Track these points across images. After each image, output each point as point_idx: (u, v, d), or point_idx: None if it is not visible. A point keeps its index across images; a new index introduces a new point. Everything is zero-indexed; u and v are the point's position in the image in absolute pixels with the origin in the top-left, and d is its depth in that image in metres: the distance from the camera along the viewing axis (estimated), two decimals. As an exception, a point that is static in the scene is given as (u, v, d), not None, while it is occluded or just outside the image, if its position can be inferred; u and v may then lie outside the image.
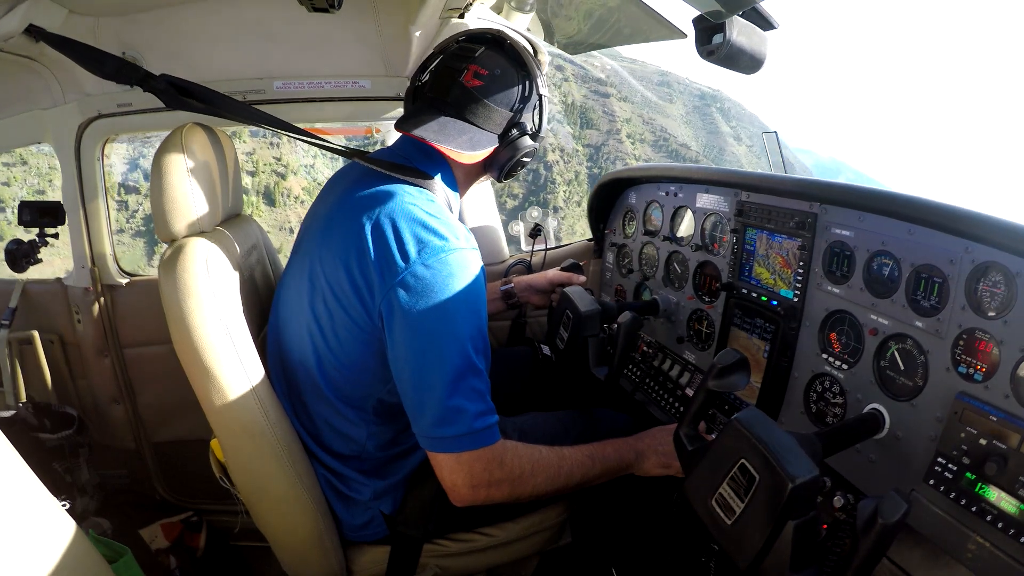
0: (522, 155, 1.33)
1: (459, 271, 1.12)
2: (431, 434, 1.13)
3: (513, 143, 1.31)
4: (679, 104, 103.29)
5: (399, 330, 1.12)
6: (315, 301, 1.22)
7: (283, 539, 1.33)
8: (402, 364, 1.14)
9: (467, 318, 1.13)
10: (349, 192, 1.26)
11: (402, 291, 1.10)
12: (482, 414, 1.13)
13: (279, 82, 1.90)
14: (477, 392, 1.13)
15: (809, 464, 0.84)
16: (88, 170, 1.95)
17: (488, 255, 2.18)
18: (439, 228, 1.15)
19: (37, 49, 1.45)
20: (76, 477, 1.96)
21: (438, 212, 1.20)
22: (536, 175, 64.63)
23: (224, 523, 2.07)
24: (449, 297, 1.10)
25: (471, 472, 1.15)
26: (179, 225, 1.25)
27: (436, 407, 1.11)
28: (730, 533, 0.88)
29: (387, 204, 1.17)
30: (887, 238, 1.12)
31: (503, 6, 1.84)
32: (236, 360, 1.19)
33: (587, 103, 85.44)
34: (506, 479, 1.17)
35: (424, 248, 1.12)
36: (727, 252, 1.55)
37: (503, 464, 1.17)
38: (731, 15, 1.08)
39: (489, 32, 1.34)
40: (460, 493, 1.17)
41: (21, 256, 2.00)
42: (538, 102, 1.35)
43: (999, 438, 0.89)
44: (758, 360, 1.41)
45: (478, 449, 1.13)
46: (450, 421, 1.11)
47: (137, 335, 2.08)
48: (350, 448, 1.30)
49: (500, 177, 1.37)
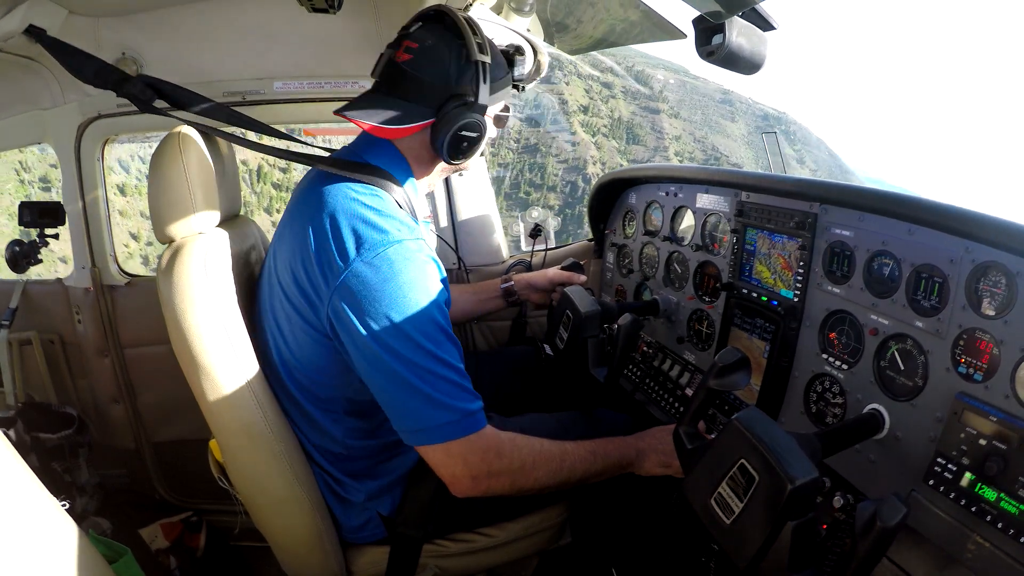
0: (459, 128, 1.22)
1: (402, 265, 1.09)
2: (411, 428, 1.12)
3: (448, 116, 1.21)
4: (740, 124, 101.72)
5: (352, 334, 1.10)
6: (275, 304, 1.23)
7: (282, 539, 1.33)
8: (364, 368, 1.12)
9: (419, 312, 1.09)
10: (302, 195, 1.25)
11: (346, 294, 1.09)
12: (461, 401, 1.12)
13: (279, 82, 1.90)
14: (448, 381, 1.11)
15: (809, 466, 0.84)
16: (88, 170, 1.95)
17: (488, 255, 2.18)
18: (379, 222, 1.12)
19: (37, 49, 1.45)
20: (76, 477, 1.96)
21: (379, 205, 1.16)
22: (574, 187, 64.57)
23: (224, 523, 2.07)
24: (395, 294, 1.08)
25: (467, 463, 1.13)
26: (177, 226, 1.25)
27: (409, 404, 1.10)
28: (728, 532, 0.88)
29: (328, 204, 1.15)
30: (887, 238, 1.12)
31: (503, 7, 1.84)
32: (234, 361, 1.19)
33: (635, 119, 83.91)
34: (506, 470, 1.16)
35: (363, 245, 1.09)
36: (727, 252, 1.55)
37: (501, 455, 1.15)
38: (731, 15, 1.08)
39: (432, 8, 1.27)
40: (462, 485, 1.16)
41: (22, 257, 2.00)
42: (476, 72, 1.21)
43: (999, 438, 0.89)
44: (758, 360, 1.40)
45: (466, 437, 1.12)
46: (426, 414, 1.10)
47: (137, 335, 2.08)
48: (336, 448, 1.30)
49: (446, 156, 1.25)
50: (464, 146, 1.25)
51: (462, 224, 2.14)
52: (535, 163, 66.23)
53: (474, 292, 1.85)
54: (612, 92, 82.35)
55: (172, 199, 1.24)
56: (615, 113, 78.52)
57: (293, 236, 1.18)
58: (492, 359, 1.95)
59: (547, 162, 65.96)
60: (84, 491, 1.97)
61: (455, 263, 2.12)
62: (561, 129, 71.81)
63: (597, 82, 79.70)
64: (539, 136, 68.90)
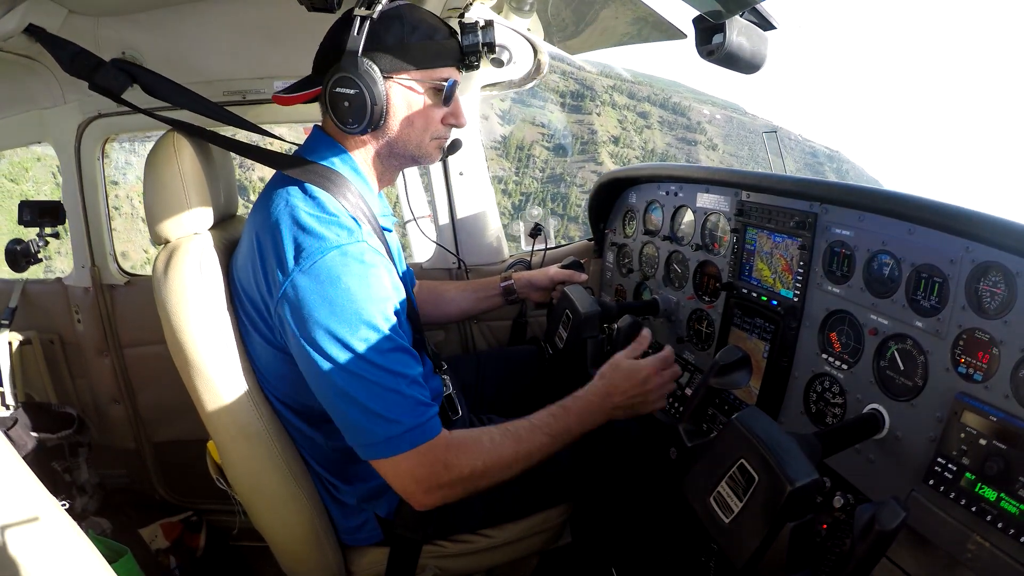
0: (331, 86, 1.12)
1: (340, 271, 1.04)
2: (358, 443, 1.08)
3: (328, 80, 1.12)
4: (789, 161, 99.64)
5: (294, 346, 1.07)
6: (240, 313, 1.22)
7: (281, 540, 1.33)
8: (310, 380, 1.09)
9: (358, 320, 1.04)
10: (257, 201, 1.22)
11: (286, 305, 1.06)
12: (405, 414, 1.06)
13: (279, 82, 1.89)
14: (391, 391, 1.06)
15: (809, 467, 0.84)
16: (88, 170, 1.95)
17: (488, 255, 2.18)
18: (317, 228, 1.07)
19: (37, 48, 1.45)
20: (76, 477, 1.96)
21: (319, 209, 1.11)
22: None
23: (224, 523, 2.07)
24: (333, 303, 1.03)
25: (415, 477, 1.09)
26: (172, 227, 1.25)
27: (350, 417, 1.06)
28: (727, 532, 0.88)
29: (272, 212, 1.12)
30: (887, 238, 1.12)
31: (503, 6, 1.84)
32: (228, 362, 1.19)
33: (669, 150, 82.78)
34: (457, 480, 1.11)
35: (301, 253, 1.05)
36: (727, 252, 1.55)
37: (449, 466, 1.10)
38: (731, 15, 1.08)
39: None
40: (416, 499, 1.12)
41: (21, 256, 2.00)
42: (353, 27, 1.10)
43: (999, 438, 0.89)
44: (758, 360, 1.40)
45: (414, 449, 1.07)
46: (369, 428, 1.06)
47: (137, 335, 2.08)
48: (323, 452, 1.29)
49: (337, 122, 1.16)
50: (346, 106, 1.12)
51: (462, 223, 2.14)
52: (558, 192, 65.16)
53: (473, 290, 1.84)
54: (648, 122, 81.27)
55: (167, 200, 1.24)
56: (649, 144, 77.20)
57: (246, 245, 1.18)
58: (492, 359, 1.94)
59: (571, 192, 64.64)
60: (84, 491, 1.97)
61: (455, 263, 2.12)
62: (589, 159, 70.97)
63: (632, 111, 78.62)
64: (565, 166, 67.85)
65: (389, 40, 1.15)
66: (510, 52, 1.90)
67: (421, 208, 2.15)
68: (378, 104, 1.13)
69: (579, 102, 71.13)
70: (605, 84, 72.36)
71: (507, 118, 65.60)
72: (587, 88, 70.61)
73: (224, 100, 1.82)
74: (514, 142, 63.72)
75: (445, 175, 2.09)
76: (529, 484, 1.41)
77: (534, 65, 1.97)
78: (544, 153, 64.19)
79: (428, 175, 2.12)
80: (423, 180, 2.20)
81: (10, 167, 32.99)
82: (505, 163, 62.66)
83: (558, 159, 67.42)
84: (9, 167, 32.96)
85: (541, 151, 63.90)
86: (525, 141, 64.19)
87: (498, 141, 62.90)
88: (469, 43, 1.23)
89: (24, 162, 33.53)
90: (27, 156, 32.81)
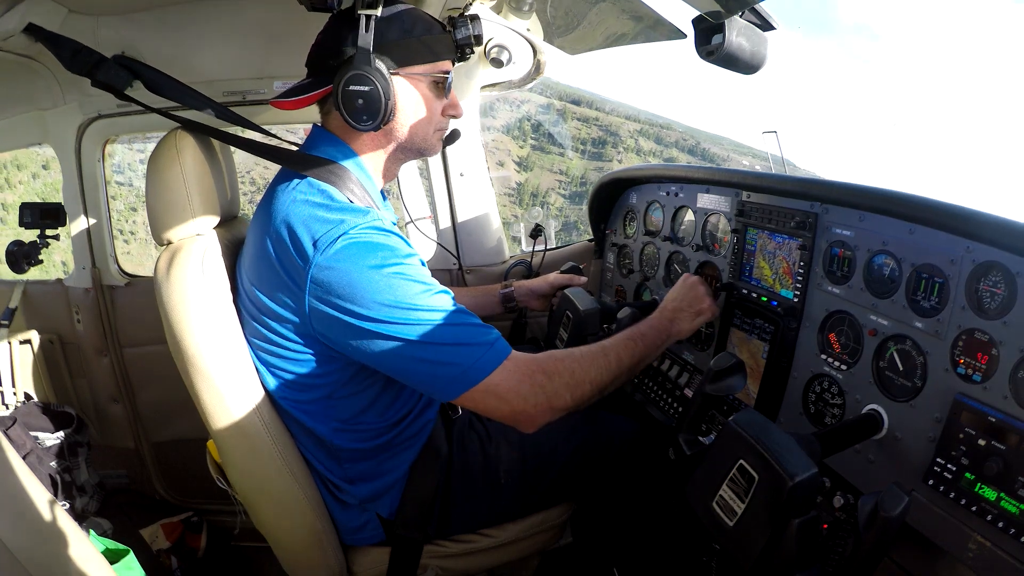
0: (344, 84, 1.13)
1: (362, 246, 1.07)
2: (446, 388, 1.10)
3: (337, 78, 1.14)
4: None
5: (343, 328, 1.08)
6: (248, 309, 1.21)
7: (282, 539, 1.33)
8: (372, 356, 1.10)
9: (397, 280, 1.06)
10: (261, 203, 1.22)
11: (319, 293, 1.07)
12: (478, 336, 1.10)
13: (279, 82, 1.90)
14: (454, 325, 1.08)
15: (808, 461, 0.84)
16: (89, 171, 1.95)
17: (489, 256, 2.18)
18: (328, 216, 1.09)
19: (37, 49, 1.45)
20: (76, 477, 1.96)
21: (326, 200, 1.13)
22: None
23: (225, 523, 2.07)
24: (367, 275, 1.05)
25: (520, 394, 1.10)
26: (175, 228, 1.25)
27: (437, 362, 1.08)
28: (732, 535, 0.88)
29: (279, 212, 1.12)
30: (888, 238, 1.12)
31: (502, 6, 1.84)
32: (230, 363, 1.19)
33: None
34: (563, 386, 1.13)
35: (318, 241, 1.07)
36: (728, 252, 1.55)
37: (549, 373, 1.12)
38: (731, 15, 1.08)
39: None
40: (527, 416, 1.12)
41: (22, 257, 2.00)
42: (359, 26, 1.12)
43: (998, 438, 0.89)
44: (757, 361, 1.41)
45: (502, 366, 1.09)
46: (450, 367, 1.08)
47: (137, 335, 2.08)
48: (326, 451, 1.28)
49: (350, 120, 1.16)
50: (360, 104, 1.14)
51: (462, 224, 2.14)
52: (571, 240, 64.62)
53: (472, 296, 1.85)
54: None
55: (169, 201, 1.24)
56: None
57: (254, 244, 1.17)
58: None
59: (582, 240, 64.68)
60: (84, 491, 1.97)
61: (454, 264, 2.12)
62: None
63: (659, 158, 78.59)
64: (579, 214, 66.56)
65: (393, 37, 1.18)
66: (509, 52, 1.90)
67: (420, 210, 2.15)
68: (391, 100, 1.17)
69: (600, 148, 70.89)
70: (631, 128, 72.20)
71: (524, 164, 65.07)
72: (611, 134, 70.29)
73: (224, 100, 1.81)
74: (529, 188, 63.31)
75: (446, 176, 2.09)
76: (530, 484, 1.42)
77: (533, 65, 1.97)
78: (559, 201, 63.64)
79: (428, 176, 2.12)
80: (424, 182, 2.20)
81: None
82: (518, 210, 62.28)
83: (573, 207, 67.08)
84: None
85: (557, 199, 63.49)
86: (540, 188, 63.79)
87: (512, 189, 62.38)
88: (463, 36, 1.31)
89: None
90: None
